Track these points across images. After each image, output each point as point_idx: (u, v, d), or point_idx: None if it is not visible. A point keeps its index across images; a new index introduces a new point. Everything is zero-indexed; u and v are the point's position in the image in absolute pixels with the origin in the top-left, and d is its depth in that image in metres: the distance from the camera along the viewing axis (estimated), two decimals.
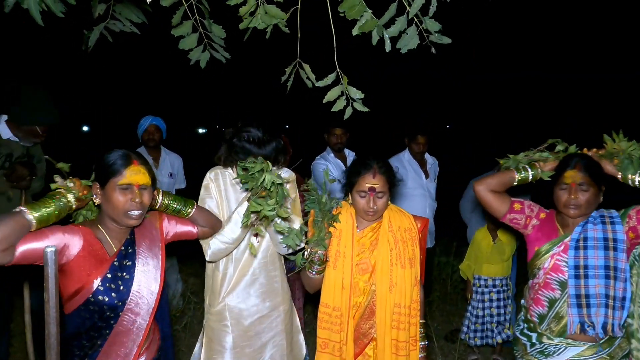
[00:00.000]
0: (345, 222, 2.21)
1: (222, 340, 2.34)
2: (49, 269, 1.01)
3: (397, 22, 1.62)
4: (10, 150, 3.10)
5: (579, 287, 2.10)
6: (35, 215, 1.60)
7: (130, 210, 1.76)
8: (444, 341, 4.15)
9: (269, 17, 1.64)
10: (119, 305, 1.78)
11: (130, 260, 1.84)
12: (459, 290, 5.23)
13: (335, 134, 4.24)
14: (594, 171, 2.12)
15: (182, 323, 4.16)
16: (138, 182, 1.76)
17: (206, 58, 1.88)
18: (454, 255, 5.58)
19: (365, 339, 2.21)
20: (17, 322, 3.73)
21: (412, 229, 2.24)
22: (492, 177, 2.28)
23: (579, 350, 2.12)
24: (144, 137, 4.31)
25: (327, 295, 2.18)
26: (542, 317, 2.21)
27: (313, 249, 2.10)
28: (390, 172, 2.19)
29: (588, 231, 2.14)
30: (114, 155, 1.77)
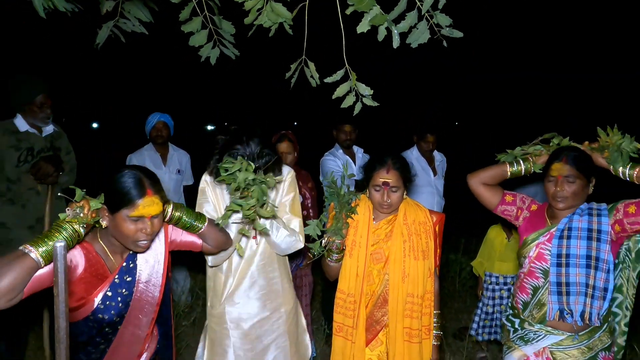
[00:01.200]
0: (362, 213, 2.34)
1: (223, 343, 2.34)
2: (58, 263, 1.02)
3: (408, 17, 1.61)
4: (30, 143, 3.14)
5: (560, 275, 2.14)
6: (41, 252, 1.49)
7: (139, 240, 1.67)
8: (453, 339, 4.14)
9: (275, 15, 1.63)
10: (118, 321, 1.75)
11: (131, 275, 1.78)
12: (467, 287, 5.21)
13: (344, 130, 4.24)
14: (581, 163, 2.15)
15: (190, 319, 4.19)
16: (150, 214, 1.66)
17: (216, 54, 1.88)
18: (462, 253, 5.56)
19: (378, 325, 2.32)
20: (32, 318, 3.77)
21: (427, 222, 2.34)
22: (484, 170, 2.37)
23: (557, 339, 2.16)
24: (152, 134, 4.32)
25: (343, 282, 2.33)
26: (525, 304, 2.26)
27: (330, 239, 2.24)
28: (405, 168, 2.29)
29: (573, 222, 2.18)
30: (127, 182, 1.64)
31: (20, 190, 3.09)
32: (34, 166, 3.06)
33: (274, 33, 1.72)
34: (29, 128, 3.17)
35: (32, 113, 3.14)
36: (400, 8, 1.59)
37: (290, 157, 3.44)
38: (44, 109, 3.16)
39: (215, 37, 1.84)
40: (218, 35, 1.84)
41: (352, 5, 1.59)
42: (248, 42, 1.96)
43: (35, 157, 3.13)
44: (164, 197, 1.75)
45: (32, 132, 3.18)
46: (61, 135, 3.39)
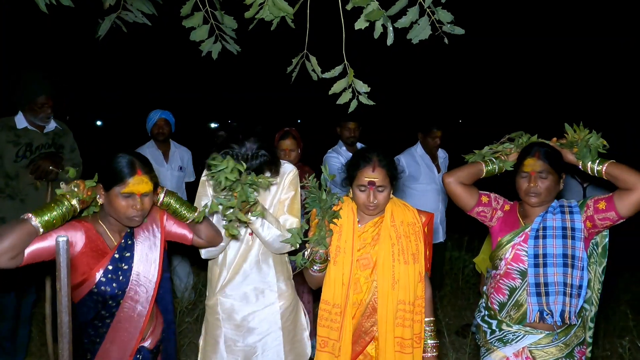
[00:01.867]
0: (346, 217, 2.17)
1: (215, 334, 2.37)
2: (60, 258, 1.02)
3: (409, 13, 1.60)
4: (29, 139, 3.15)
5: (538, 275, 2.13)
6: (42, 220, 1.70)
7: (131, 215, 1.84)
8: (456, 336, 4.13)
9: (277, 10, 1.63)
10: (119, 294, 1.88)
11: (129, 252, 1.93)
12: (470, 285, 5.20)
13: (348, 127, 4.23)
14: (553, 159, 2.14)
15: (193, 315, 4.19)
16: (140, 192, 1.83)
17: (218, 49, 1.88)
18: (466, 250, 5.55)
19: (367, 337, 2.16)
20: (35, 314, 3.78)
21: (416, 223, 2.19)
22: (461, 169, 2.30)
23: (536, 338, 2.15)
24: (153, 131, 4.32)
25: (328, 292, 2.15)
26: (502, 305, 2.24)
27: (314, 249, 2.07)
28: (391, 165, 2.13)
29: (547, 220, 2.17)
30: (120, 162, 1.83)
31: (19, 186, 3.11)
32: (32, 164, 3.07)
33: (276, 27, 1.71)
34: (28, 125, 3.18)
35: (33, 112, 3.15)
36: (402, 3, 1.58)
37: (294, 154, 3.44)
38: (44, 109, 3.16)
39: (216, 32, 1.84)
40: (220, 30, 1.84)
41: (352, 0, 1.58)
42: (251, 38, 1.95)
43: (34, 152, 3.14)
44: (154, 178, 1.90)
45: (32, 129, 3.18)
46: (66, 132, 3.39)
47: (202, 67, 21.13)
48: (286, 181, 2.38)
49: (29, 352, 3.57)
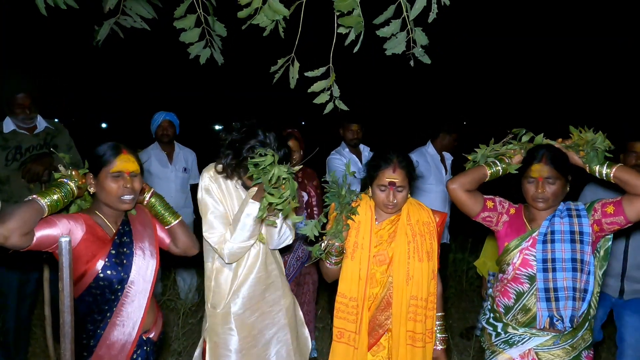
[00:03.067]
0: (364, 214, 2.25)
1: (228, 344, 2.25)
2: (63, 258, 1.02)
3: (392, 24, 1.59)
4: (17, 142, 3.12)
5: (547, 280, 2.10)
6: (47, 201, 1.77)
7: (123, 195, 1.90)
8: (460, 338, 4.12)
9: (272, 12, 1.62)
10: (125, 277, 1.95)
11: (128, 237, 2.00)
12: (474, 287, 5.18)
13: (351, 129, 4.23)
14: (560, 164, 2.11)
15: (197, 317, 4.19)
16: (128, 170, 1.90)
17: (207, 55, 1.86)
18: (470, 252, 5.53)
19: (380, 329, 2.24)
20: (38, 315, 3.80)
21: (431, 222, 2.26)
22: (464, 175, 2.25)
23: (542, 340, 2.13)
24: (157, 133, 4.32)
25: (344, 286, 2.23)
26: (508, 308, 2.22)
27: (330, 241, 2.15)
28: (410, 167, 2.20)
29: (555, 224, 2.14)
30: (104, 146, 1.92)
31: (11, 190, 3.09)
32: (23, 168, 3.05)
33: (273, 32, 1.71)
34: (16, 128, 3.13)
35: (12, 113, 3.11)
36: (387, 15, 1.57)
37: (296, 156, 3.45)
38: (21, 110, 3.10)
39: (207, 37, 1.83)
40: (210, 36, 1.83)
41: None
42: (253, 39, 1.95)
43: (24, 155, 3.11)
44: (140, 162, 1.98)
45: (20, 132, 3.14)
46: (60, 132, 3.34)
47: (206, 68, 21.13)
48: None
49: (31, 353, 3.58)
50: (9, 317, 3.21)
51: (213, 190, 2.23)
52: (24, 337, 3.39)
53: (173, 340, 3.73)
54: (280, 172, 1.90)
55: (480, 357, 3.84)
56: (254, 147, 2.06)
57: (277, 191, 1.90)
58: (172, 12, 1.77)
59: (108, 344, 1.93)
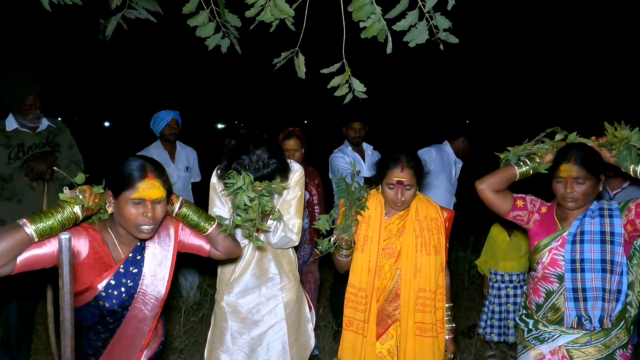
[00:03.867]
0: (374, 209, 2.35)
1: (222, 326, 2.47)
2: (63, 255, 1.02)
3: (408, 16, 1.60)
4: (20, 140, 3.13)
5: (576, 280, 2.10)
6: (36, 228, 1.55)
7: (142, 225, 1.68)
8: (461, 337, 4.11)
9: (278, 11, 1.63)
10: (119, 311, 1.77)
11: (137, 268, 1.79)
12: (476, 285, 5.18)
13: (354, 127, 4.22)
14: (590, 163, 2.08)
15: (198, 315, 4.20)
16: (151, 197, 1.67)
17: (227, 44, 1.88)
18: (471, 250, 5.53)
19: (389, 319, 2.33)
20: (41, 312, 3.82)
21: (439, 218, 2.34)
22: (493, 175, 2.26)
23: (573, 337, 2.13)
24: (165, 132, 4.30)
25: (355, 277, 2.34)
26: (538, 306, 2.24)
27: (340, 235, 2.25)
28: (419, 166, 2.28)
29: (585, 225, 2.13)
30: (129, 166, 1.68)
31: (14, 188, 3.10)
32: (26, 166, 3.06)
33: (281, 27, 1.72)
34: (19, 127, 3.14)
35: (21, 113, 3.12)
36: (402, 6, 1.58)
37: (298, 154, 3.45)
38: (32, 110, 3.12)
39: (222, 29, 1.84)
40: (225, 28, 1.84)
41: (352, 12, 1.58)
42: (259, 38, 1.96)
43: (27, 153, 3.12)
44: (167, 184, 1.74)
45: (23, 130, 3.15)
46: (62, 130, 3.35)
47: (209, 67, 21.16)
48: (293, 181, 2.43)
49: (34, 350, 3.60)
50: (11, 314, 3.22)
51: (218, 188, 2.38)
52: (27, 335, 3.40)
53: (175, 338, 3.74)
54: (243, 199, 1.94)
55: (481, 356, 3.84)
56: (241, 163, 2.11)
57: (243, 213, 1.97)
58: (175, 10, 1.78)
59: None
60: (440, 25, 1.62)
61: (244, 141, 2.17)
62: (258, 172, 2.10)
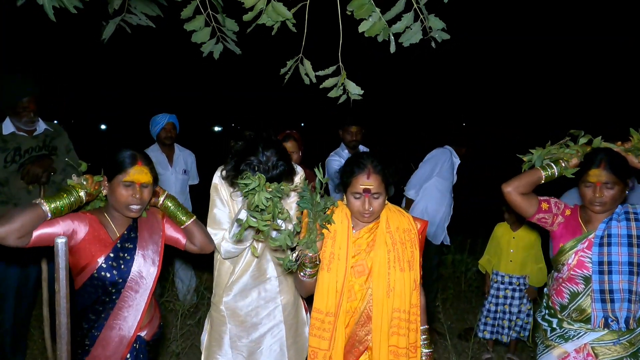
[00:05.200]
0: (340, 222, 2.09)
1: (220, 330, 2.45)
2: (59, 259, 1.02)
3: (404, 19, 1.64)
4: (17, 144, 3.11)
5: (603, 282, 2.13)
6: (51, 207, 1.85)
7: (131, 204, 1.97)
8: (458, 339, 4.12)
9: (276, 15, 1.65)
10: (120, 282, 2.00)
11: (132, 244, 2.06)
12: (473, 288, 5.18)
13: (350, 131, 4.22)
14: (619, 169, 2.11)
15: (195, 318, 4.19)
16: (140, 181, 1.97)
17: (220, 49, 1.89)
18: (468, 253, 5.54)
19: (360, 346, 2.08)
20: (36, 316, 3.80)
21: (412, 229, 2.11)
22: (519, 178, 2.25)
23: (598, 335, 2.17)
24: (161, 135, 4.28)
25: (320, 300, 2.06)
26: (563, 307, 2.26)
27: (302, 252, 1.97)
28: (386, 171, 2.04)
29: (612, 228, 2.16)
30: (122, 154, 1.98)
31: (11, 191, 3.08)
32: (22, 169, 3.05)
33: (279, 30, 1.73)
34: (16, 130, 3.13)
35: (16, 115, 3.10)
36: (398, 9, 1.60)
37: (295, 157, 3.46)
38: (26, 113, 3.10)
39: (218, 34, 1.85)
40: (221, 32, 1.85)
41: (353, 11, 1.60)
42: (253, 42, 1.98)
43: (23, 156, 3.11)
44: (154, 172, 2.04)
45: (20, 134, 3.14)
46: (59, 133, 3.34)
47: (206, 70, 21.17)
48: (297, 179, 2.46)
49: (29, 355, 3.58)
50: (6, 318, 3.21)
51: (220, 189, 2.38)
52: (22, 338, 3.39)
53: (171, 342, 3.73)
54: (261, 199, 1.91)
55: (478, 359, 3.84)
56: (250, 164, 2.13)
57: (258, 215, 1.90)
58: (173, 11, 1.79)
59: (103, 344, 1.99)
60: (434, 27, 1.65)
61: (253, 143, 2.18)
62: (267, 174, 2.10)
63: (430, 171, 4.17)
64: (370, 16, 1.61)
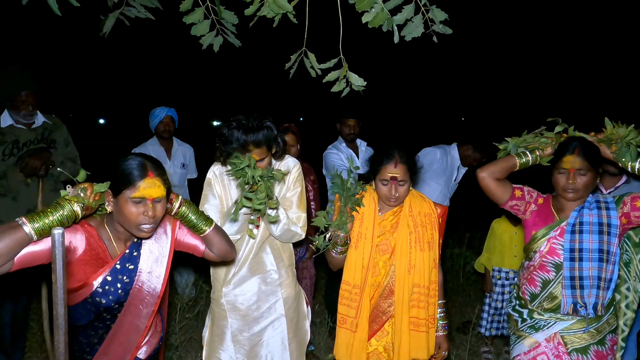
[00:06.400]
0: (368, 205, 2.33)
1: (221, 325, 2.46)
2: (56, 250, 1.02)
3: (404, 11, 1.63)
4: (15, 137, 3.11)
5: (574, 269, 2.18)
6: (35, 227, 1.53)
7: (142, 224, 1.67)
8: (457, 332, 4.13)
9: (277, 7, 1.64)
10: (116, 307, 1.76)
11: (133, 264, 1.78)
12: (471, 282, 5.20)
13: (348, 124, 4.21)
14: (593, 156, 2.17)
15: (194, 311, 4.20)
16: (152, 196, 1.66)
17: (219, 42, 1.89)
18: (467, 247, 5.55)
19: (384, 316, 2.33)
20: (35, 309, 3.81)
21: (432, 214, 2.34)
22: (494, 164, 2.32)
23: (567, 324, 2.21)
24: (159, 129, 4.30)
25: (349, 274, 2.32)
26: (534, 296, 2.30)
27: (335, 232, 2.24)
28: (412, 161, 2.27)
29: (584, 216, 2.21)
30: (129, 164, 1.66)
31: (9, 184, 3.09)
32: (20, 162, 3.05)
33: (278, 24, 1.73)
34: (14, 123, 3.12)
35: (15, 109, 3.09)
36: (398, 0, 1.59)
37: (294, 150, 3.46)
38: (24, 106, 3.09)
39: (217, 27, 1.85)
40: (220, 25, 1.85)
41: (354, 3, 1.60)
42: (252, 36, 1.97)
43: (22, 149, 3.10)
44: (168, 183, 1.73)
45: (18, 126, 3.13)
46: (58, 126, 3.33)
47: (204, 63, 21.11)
48: (291, 178, 2.46)
49: (29, 348, 3.59)
50: (5, 311, 3.21)
51: (213, 184, 2.39)
52: (21, 332, 3.39)
53: (170, 335, 3.74)
54: (251, 176, 1.98)
55: (476, 351, 3.86)
56: (237, 120, 2.21)
57: (252, 195, 1.99)
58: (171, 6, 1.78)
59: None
60: (437, 18, 1.63)
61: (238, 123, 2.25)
62: (252, 133, 2.17)
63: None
64: (372, 7, 1.60)
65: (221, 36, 1.88)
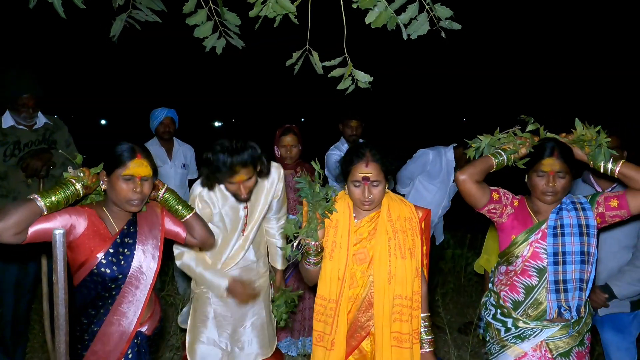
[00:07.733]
0: (342, 212, 2.14)
1: (205, 310, 2.57)
2: (57, 251, 1.02)
3: (409, 10, 1.61)
4: (16, 137, 3.11)
5: (557, 273, 2.13)
6: (46, 202, 1.78)
7: (132, 199, 1.93)
8: (458, 333, 4.13)
9: (280, 8, 1.64)
10: (120, 277, 1.98)
11: (132, 239, 2.03)
12: (473, 282, 5.19)
13: (350, 125, 4.21)
14: (570, 158, 2.14)
15: None
16: (140, 174, 1.93)
17: (222, 44, 1.89)
18: (468, 248, 5.54)
19: (362, 331, 2.13)
20: (37, 310, 3.81)
21: (413, 218, 2.16)
22: (473, 165, 2.17)
23: (553, 331, 2.17)
24: (159, 130, 4.30)
25: (323, 287, 2.13)
26: (517, 304, 2.22)
27: (304, 240, 2.02)
28: (385, 160, 2.08)
29: (563, 218, 2.16)
30: (120, 147, 1.94)
31: (10, 185, 3.09)
32: (22, 163, 3.05)
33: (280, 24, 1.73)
34: (15, 124, 3.13)
35: (15, 111, 3.10)
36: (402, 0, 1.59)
37: (295, 150, 3.48)
38: (25, 109, 3.10)
39: (220, 28, 1.85)
40: (223, 26, 1.85)
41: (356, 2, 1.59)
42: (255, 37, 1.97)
43: (23, 150, 3.11)
44: (153, 165, 2.00)
45: (19, 127, 3.14)
46: (59, 127, 3.34)
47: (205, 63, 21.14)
48: (279, 184, 2.61)
49: (30, 348, 3.59)
50: (6, 312, 3.22)
51: (197, 204, 2.49)
52: (23, 332, 3.40)
53: (171, 336, 3.74)
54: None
55: (477, 352, 3.85)
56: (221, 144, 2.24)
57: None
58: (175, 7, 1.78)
59: (103, 340, 1.96)
60: (442, 15, 1.62)
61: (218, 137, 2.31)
62: (237, 154, 2.20)
63: (411, 171, 4.08)
64: (375, 6, 1.59)
65: (224, 38, 1.88)
